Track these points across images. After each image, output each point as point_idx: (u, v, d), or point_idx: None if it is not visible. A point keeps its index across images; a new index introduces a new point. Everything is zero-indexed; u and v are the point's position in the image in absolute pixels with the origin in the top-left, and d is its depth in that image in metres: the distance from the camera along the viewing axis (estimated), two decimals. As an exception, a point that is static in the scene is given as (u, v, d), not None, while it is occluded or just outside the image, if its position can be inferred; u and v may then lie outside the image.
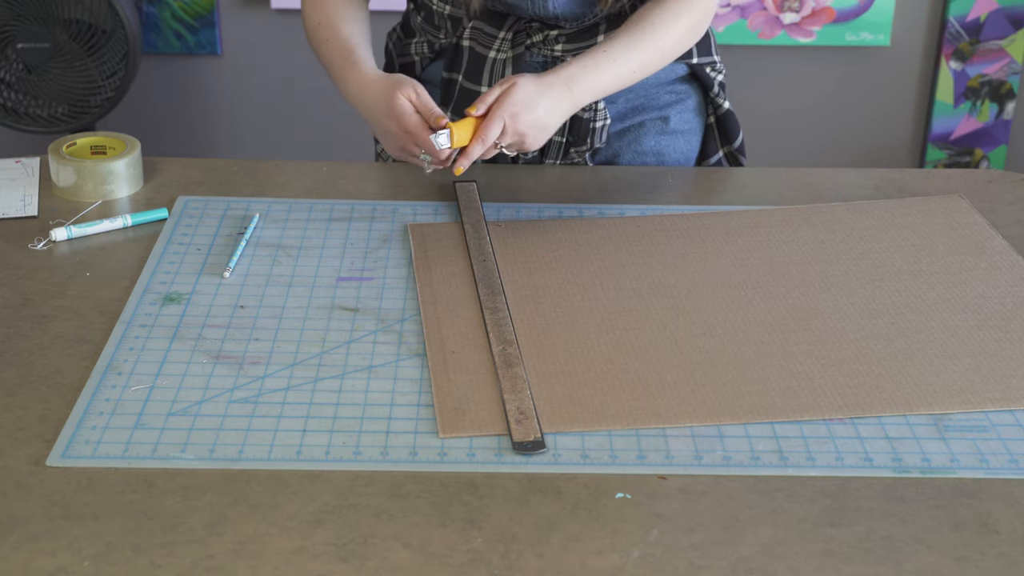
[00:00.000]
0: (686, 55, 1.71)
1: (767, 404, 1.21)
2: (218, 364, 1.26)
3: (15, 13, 2.71)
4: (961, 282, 1.42)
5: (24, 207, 1.57)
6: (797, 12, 3.08)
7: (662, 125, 1.74)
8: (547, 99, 1.49)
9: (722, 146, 1.79)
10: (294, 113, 3.20)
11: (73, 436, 1.14)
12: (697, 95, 1.76)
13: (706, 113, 1.78)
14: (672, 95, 1.74)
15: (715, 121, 1.78)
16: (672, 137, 1.75)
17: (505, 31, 1.65)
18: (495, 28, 1.65)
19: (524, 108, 1.47)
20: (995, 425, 1.19)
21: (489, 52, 1.65)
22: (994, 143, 3.24)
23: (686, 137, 1.76)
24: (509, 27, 1.65)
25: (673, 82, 1.73)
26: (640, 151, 1.74)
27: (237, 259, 1.45)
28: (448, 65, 1.70)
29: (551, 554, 1.02)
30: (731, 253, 1.48)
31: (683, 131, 1.76)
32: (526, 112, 1.47)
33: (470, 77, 1.67)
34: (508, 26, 1.65)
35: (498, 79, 1.66)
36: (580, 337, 1.30)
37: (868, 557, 1.02)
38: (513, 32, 1.65)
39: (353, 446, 1.14)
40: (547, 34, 1.65)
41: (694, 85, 1.75)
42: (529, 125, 1.47)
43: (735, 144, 1.78)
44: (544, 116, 1.49)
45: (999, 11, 3.10)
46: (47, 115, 2.81)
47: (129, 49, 2.76)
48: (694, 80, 1.75)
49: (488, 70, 1.66)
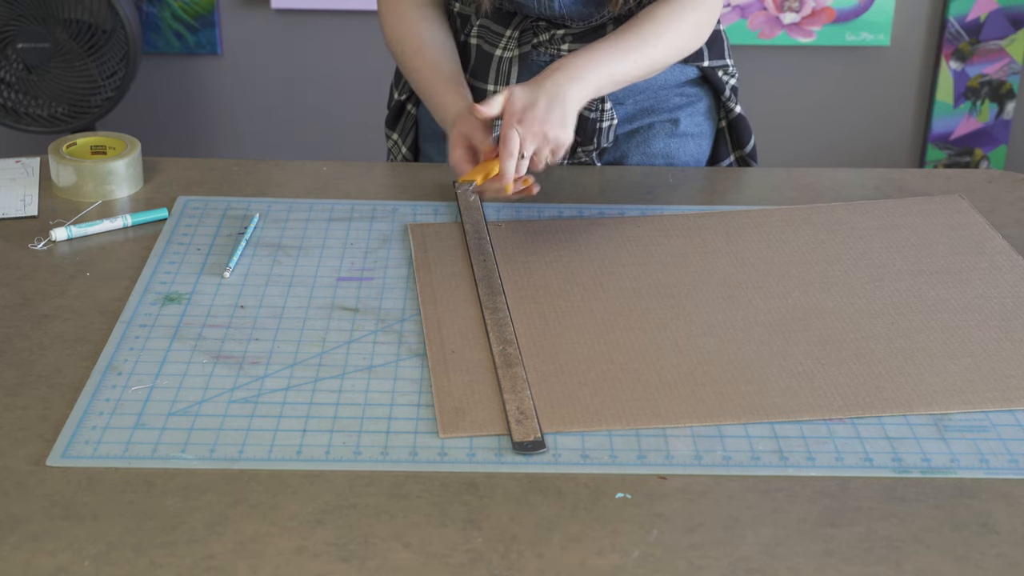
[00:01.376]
0: (697, 57, 1.70)
1: (767, 404, 1.21)
2: (218, 364, 1.26)
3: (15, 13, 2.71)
4: (961, 282, 1.42)
5: (24, 207, 1.57)
6: (797, 12, 3.08)
7: (672, 127, 1.73)
8: (544, 92, 1.48)
9: (733, 150, 1.78)
10: (294, 113, 3.20)
11: (73, 436, 1.14)
12: (709, 98, 1.75)
13: (718, 117, 1.77)
14: (682, 97, 1.73)
15: (727, 125, 1.77)
16: (682, 140, 1.74)
17: (512, 29, 1.65)
18: (502, 27, 1.65)
19: (525, 110, 1.47)
20: (995, 425, 1.19)
21: (495, 50, 1.66)
22: (994, 143, 3.24)
23: (696, 140, 1.76)
24: (516, 26, 1.65)
25: (683, 84, 1.72)
26: (649, 153, 1.74)
27: (237, 259, 1.45)
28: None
29: (551, 554, 1.02)
30: (731, 253, 1.48)
31: (693, 134, 1.75)
32: (529, 112, 1.46)
33: (477, 75, 1.68)
34: (515, 25, 1.65)
35: (504, 77, 1.66)
36: (580, 337, 1.30)
37: (868, 557, 1.02)
38: (520, 31, 1.65)
39: (353, 446, 1.14)
40: (553, 33, 1.65)
41: (705, 88, 1.75)
42: (540, 122, 1.46)
43: (747, 149, 1.78)
44: (547, 109, 1.47)
45: (999, 11, 3.10)
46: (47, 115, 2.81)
47: (129, 49, 2.76)
48: (705, 83, 1.74)
49: (494, 68, 1.66)
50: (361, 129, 3.18)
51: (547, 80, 1.49)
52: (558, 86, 1.49)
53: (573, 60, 1.51)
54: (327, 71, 3.15)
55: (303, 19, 3.11)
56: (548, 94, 1.48)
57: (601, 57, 1.53)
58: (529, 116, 1.46)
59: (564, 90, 1.49)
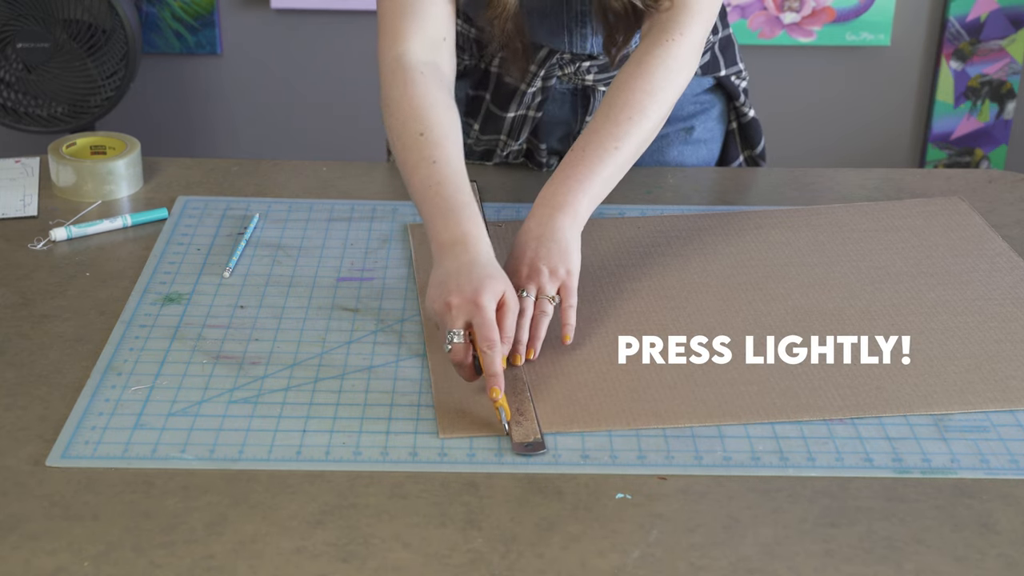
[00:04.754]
0: (713, 68, 1.68)
1: (767, 404, 1.21)
2: (218, 364, 1.26)
3: (15, 13, 2.71)
4: (961, 283, 1.42)
5: (24, 207, 1.57)
6: (797, 12, 3.08)
7: (685, 135, 1.72)
8: (527, 236, 1.32)
9: (744, 151, 1.77)
10: (294, 113, 3.20)
11: (73, 436, 1.14)
12: (721, 103, 1.74)
13: (728, 119, 1.76)
14: (697, 105, 1.72)
15: (737, 127, 1.76)
16: (695, 146, 1.73)
17: (538, 67, 1.59)
18: (525, 61, 1.56)
19: (517, 260, 1.31)
20: (995, 425, 1.19)
21: (521, 85, 1.61)
22: (994, 143, 3.24)
23: (708, 145, 1.75)
24: (542, 63, 1.59)
25: (699, 93, 1.71)
26: (662, 161, 1.73)
27: (237, 259, 1.45)
28: (475, 84, 1.67)
29: (551, 554, 1.02)
30: (731, 254, 1.48)
31: (706, 140, 1.74)
32: (520, 259, 1.31)
33: (498, 103, 1.64)
34: (541, 61, 1.59)
35: (526, 106, 1.63)
36: (580, 337, 1.30)
37: (868, 557, 1.02)
38: (545, 67, 1.60)
39: (353, 446, 1.14)
40: (579, 66, 1.60)
41: (719, 93, 1.73)
42: (539, 259, 1.29)
43: (757, 149, 1.76)
44: (537, 249, 1.30)
45: (999, 11, 3.10)
46: (47, 115, 2.81)
47: (129, 49, 2.76)
48: (719, 88, 1.73)
49: (517, 101, 1.63)
50: (361, 129, 3.18)
51: (528, 228, 1.32)
52: (542, 218, 1.32)
53: (551, 189, 1.35)
54: (327, 71, 3.15)
55: (303, 19, 3.11)
56: (530, 235, 1.31)
57: (579, 173, 1.35)
58: (522, 267, 1.30)
59: (549, 219, 1.32)
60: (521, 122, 1.65)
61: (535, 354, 1.26)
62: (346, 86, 3.16)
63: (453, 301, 1.21)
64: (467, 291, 1.21)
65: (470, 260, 1.24)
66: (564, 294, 1.29)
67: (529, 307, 1.27)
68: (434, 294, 1.24)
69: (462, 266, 1.24)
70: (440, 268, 1.25)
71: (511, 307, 1.23)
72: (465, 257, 1.25)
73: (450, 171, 1.32)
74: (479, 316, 1.20)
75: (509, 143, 1.67)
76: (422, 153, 1.34)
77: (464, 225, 1.27)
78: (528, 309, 1.27)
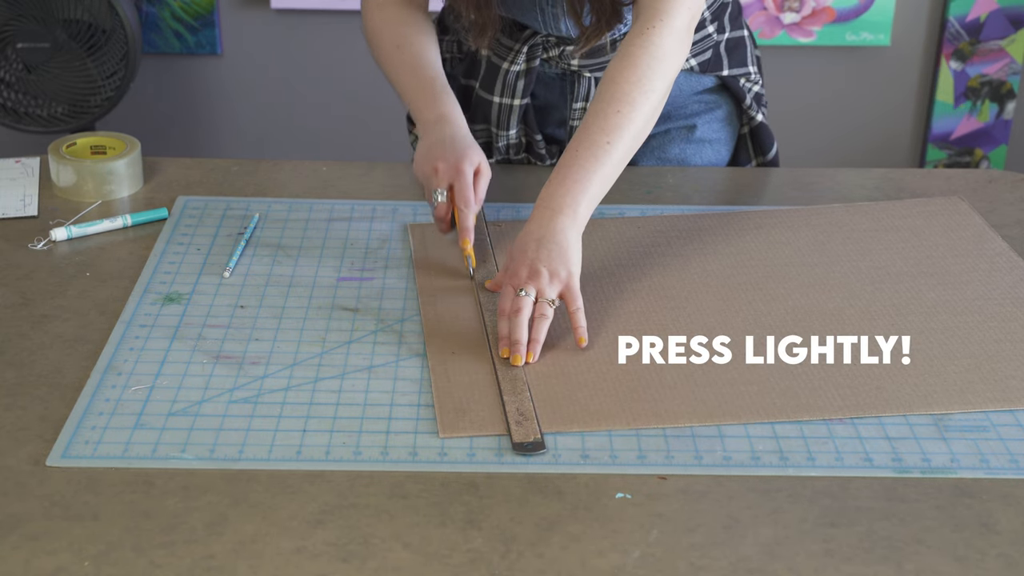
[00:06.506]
0: (715, 67, 1.68)
1: (767, 404, 1.21)
2: (218, 364, 1.26)
3: (15, 13, 2.71)
4: (961, 283, 1.42)
5: (24, 207, 1.57)
6: (797, 12, 3.08)
7: (688, 133, 1.72)
8: (528, 237, 1.33)
9: (755, 157, 1.76)
10: (294, 113, 3.20)
11: (73, 436, 1.14)
12: (729, 105, 1.73)
13: (739, 123, 1.76)
14: (700, 104, 1.71)
15: (748, 132, 1.75)
16: (698, 145, 1.73)
17: (521, 44, 1.63)
18: (512, 40, 1.63)
19: (516, 261, 1.33)
20: (995, 425, 1.19)
21: (503, 63, 1.64)
22: (994, 143, 3.24)
23: (714, 147, 1.74)
24: (525, 40, 1.63)
25: (701, 92, 1.71)
26: (664, 158, 1.73)
27: (237, 259, 1.45)
28: (466, 72, 1.71)
29: (551, 554, 1.02)
30: (731, 254, 1.48)
31: (711, 140, 1.73)
32: (520, 261, 1.32)
33: (485, 87, 1.67)
34: (524, 39, 1.63)
35: (510, 90, 1.65)
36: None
37: (868, 557, 1.02)
38: (529, 45, 1.63)
39: (353, 446, 1.14)
40: (563, 49, 1.63)
41: (725, 95, 1.73)
42: (539, 260, 1.31)
43: (768, 155, 1.76)
44: (537, 251, 1.31)
45: (999, 11, 3.10)
46: (47, 115, 2.80)
47: (129, 49, 2.76)
48: (725, 90, 1.72)
49: (501, 81, 1.65)
50: (362, 129, 3.18)
51: (530, 229, 1.34)
52: (542, 218, 1.34)
53: (549, 191, 1.36)
54: (327, 71, 3.15)
55: (303, 19, 3.11)
56: (531, 236, 1.33)
57: (575, 173, 1.36)
58: (520, 262, 1.32)
59: (548, 220, 1.34)
60: (508, 112, 1.66)
61: (534, 357, 1.26)
62: (346, 86, 3.16)
63: (439, 167, 1.46)
64: (451, 159, 1.46)
65: (452, 134, 1.49)
66: (568, 297, 1.30)
67: (528, 306, 1.28)
68: (422, 160, 1.49)
69: (446, 138, 1.49)
70: (427, 139, 1.50)
71: (485, 174, 1.47)
72: (448, 131, 1.50)
73: (427, 62, 1.57)
74: (460, 180, 1.45)
75: (500, 134, 1.68)
76: (403, 56, 1.57)
77: (446, 106, 1.52)
78: (525, 309, 1.27)
